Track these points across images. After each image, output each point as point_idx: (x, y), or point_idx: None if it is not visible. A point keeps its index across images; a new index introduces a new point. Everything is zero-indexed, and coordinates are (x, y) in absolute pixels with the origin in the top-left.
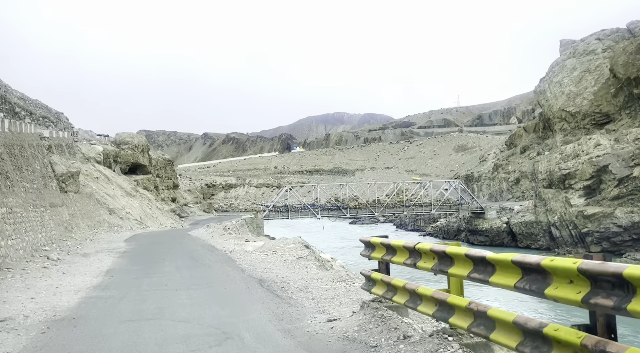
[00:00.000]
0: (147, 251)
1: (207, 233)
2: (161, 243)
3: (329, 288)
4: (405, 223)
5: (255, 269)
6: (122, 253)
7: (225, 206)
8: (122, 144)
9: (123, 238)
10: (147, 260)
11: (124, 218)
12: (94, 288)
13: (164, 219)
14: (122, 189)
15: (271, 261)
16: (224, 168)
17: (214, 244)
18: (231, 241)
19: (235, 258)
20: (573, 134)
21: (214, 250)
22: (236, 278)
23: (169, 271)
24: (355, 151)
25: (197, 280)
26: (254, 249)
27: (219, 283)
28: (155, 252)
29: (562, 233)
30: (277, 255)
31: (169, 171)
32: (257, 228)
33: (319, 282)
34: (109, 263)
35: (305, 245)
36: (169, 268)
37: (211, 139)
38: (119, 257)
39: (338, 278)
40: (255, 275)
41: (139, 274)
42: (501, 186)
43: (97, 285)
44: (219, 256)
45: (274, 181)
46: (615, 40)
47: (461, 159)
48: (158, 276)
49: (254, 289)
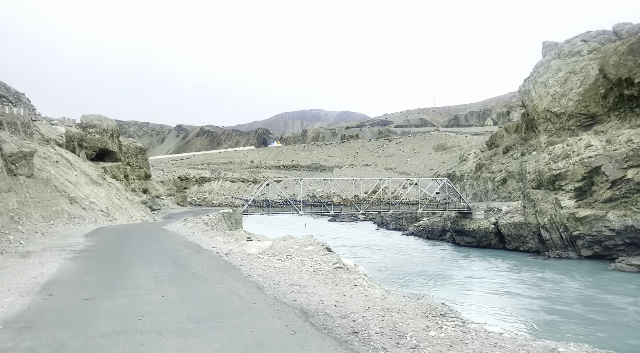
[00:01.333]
0: (112, 250)
1: (187, 228)
2: (131, 240)
3: (435, 334)
4: (386, 221)
5: (278, 286)
6: (79, 252)
7: (198, 200)
8: (89, 128)
9: (84, 231)
10: (111, 265)
11: (88, 209)
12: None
13: (134, 211)
14: (87, 176)
15: (294, 272)
16: (198, 161)
17: (198, 242)
18: (220, 239)
19: (238, 264)
20: (558, 135)
21: (201, 251)
22: (258, 306)
23: (143, 287)
24: (334, 148)
25: (192, 305)
26: (260, 251)
27: (232, 317)
28: (124, 252)
29: (552, 235)
30: (296, 261)
31: (141, 159)
32: (236, 223)
33: (405, 318)
34: (53, 270)
35: (326, 246)
36: (143, 280)
37: (185, 132)
38: (71, 259)
39: (429, 310)
40: (286, 299)
41: (94, 291)
42: (486, 185)
43: (14, 318)
44: (212, 261)
45: (250, 175)
46: (601, 42)
47: (441, 159)
48: (126, 296)
49: (305, 336)
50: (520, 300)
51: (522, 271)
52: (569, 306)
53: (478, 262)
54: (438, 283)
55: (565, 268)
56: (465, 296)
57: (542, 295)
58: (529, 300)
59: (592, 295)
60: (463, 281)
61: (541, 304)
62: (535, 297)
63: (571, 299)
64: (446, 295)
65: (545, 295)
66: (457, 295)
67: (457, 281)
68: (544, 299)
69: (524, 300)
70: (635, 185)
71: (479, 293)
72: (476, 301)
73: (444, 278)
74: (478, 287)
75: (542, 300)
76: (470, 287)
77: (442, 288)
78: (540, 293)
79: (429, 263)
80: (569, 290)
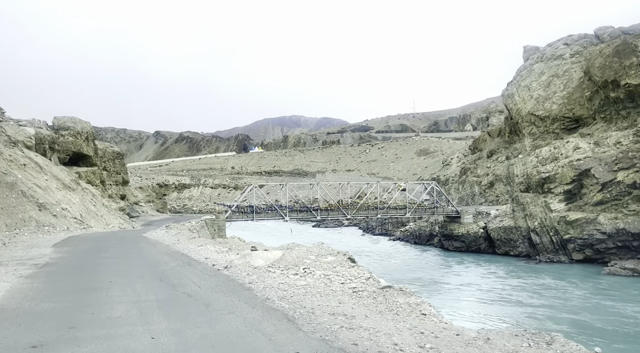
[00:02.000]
0: (83, 263)
1: (170, 236)
2: (107, 250)
3: None
4: (372, 227)
5: (316, 317)
6: (41, 267)
7: (178, 207)
8: (61, 130)
9: (53, 241)
10: (80, 284)
11: (59, 216)
12: None
13: (111, 219)
14: (59, 181)
15: (328, 294)
16: (177, 167)
17: (187, 252)
18: (211, 248)
19: (245, 281)
20: (542, 138)
21: (193, 264)
22: None
23: (122, 320)
24: (316, 153)
25: None
26: (268, 263)
27: None
28: (97, 266)
29: (542, 239)
30: (318, 276)
31: (118, 164)
32: (219, 230)
33: None
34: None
35: (348, 257)
36: (122, 309)
37: (164, 138)
38: (29, 277)
39: None
40: (339, 341)
41: (49, 330)
42: (473, 189)
43: None
44: (210, 277)
45: (231, 181)
46: (583, 45)
47: (423, 163)
48: (96, 339)
49: None
50: (525, 309)
51: (518, 277)
52: (577, 316)
53: (473, 268)
54: (435, 290)
55: (560, 273)
56: (469, 303)
57: (546, 303)
58: (533, 309)
59: (599, 303)
60: (460, 288)
61: (548, 314)
62: (540, 306)
63: (577, 308)
64: (447, 302)
65: (549, 303)
66: (458, 302)
67: (453, 288)
68: (549, 308)
69: (529, 309)
70: (625, 188)
71: (483, 300)
72: (482, 310)
73: (439, 284)
74: (479, 294)
75: (547, 309)
76: (470, 294)
77: (441, 295)
78: (543, 301)
79: (421, 269)
80: (572, 297)
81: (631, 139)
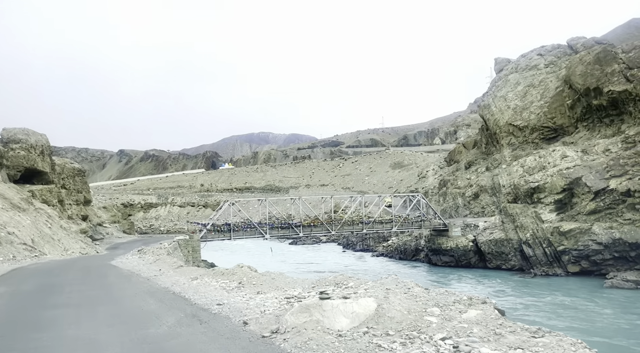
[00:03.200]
0: (21, 321)
1: (147, 264)
2: (62, 292)
3: None
4: (352, 242)
5: None
6: None
7: (144, 227)
8: (11, 143)
9: None
10: None
11: (3, 242)
12: None
13: (71, 243)
14: (7, 200)
15: None
16: (143, 186)
17: (181, 292)
18: (214, 283)
19: None
20: (522, 148)
21: (204, 319)
22: None
23: None
24: (289, 168)
25: None
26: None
27: None
28: (43, 328)
29: (535, 251)
30: None
31: (80, 182)
32: (193, 252)
33: None
34: None
35: (495, 306)
36: None
37: (128, 157)
38: None
39: None
40: None
41: None
42: (456, 201)
43: None
44: None
45: (200, 199)
46: (557, 55)
47: (398, 176)
48: None
49: None
50: None
51: (523, 294)
52: (611, 339)
53: (474, 284)
54: None
55: (563, 287)
56: None
57: (571, 324)
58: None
59: (630, 322)
60: None
61: (585, 338)
62: (566, 328)
63: (608, 329)
64: None
65: (575, 325)
66: None
67: None
68: (578, 331)
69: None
70: (619, 196)
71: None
72: None
73: None
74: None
75: (578, 333)
76: None
77: None
78: (567, 322)
79: None
80: (594, 316)
81: (620, 146)
